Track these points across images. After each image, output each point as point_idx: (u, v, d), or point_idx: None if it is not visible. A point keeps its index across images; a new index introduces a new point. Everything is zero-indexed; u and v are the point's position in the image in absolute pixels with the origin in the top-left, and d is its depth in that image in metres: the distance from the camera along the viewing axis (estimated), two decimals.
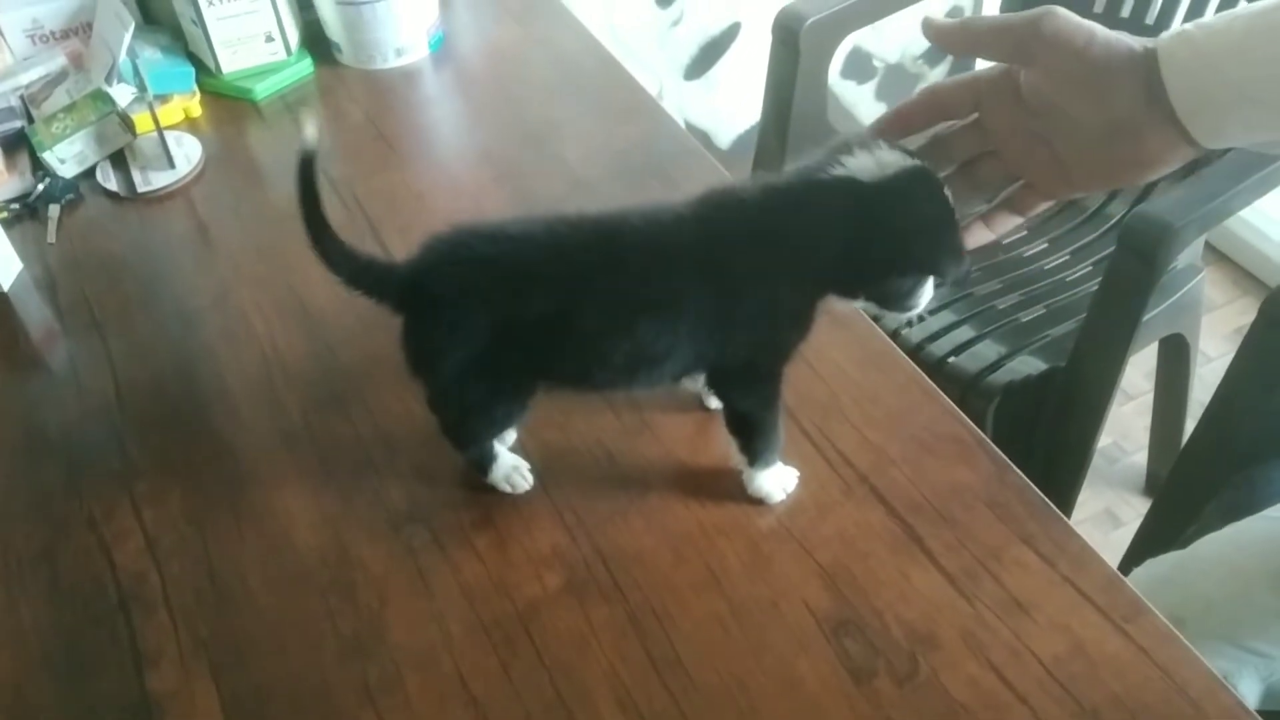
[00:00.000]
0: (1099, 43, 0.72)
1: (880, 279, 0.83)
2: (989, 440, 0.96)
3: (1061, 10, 0.73)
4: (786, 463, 0.93)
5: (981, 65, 0.81)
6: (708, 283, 0.82)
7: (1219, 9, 1.65)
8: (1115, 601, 0.83)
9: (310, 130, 0.82)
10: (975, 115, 0.81)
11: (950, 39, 0.79)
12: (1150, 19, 1.74)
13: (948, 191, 0.80)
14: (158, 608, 0.90)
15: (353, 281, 0.86)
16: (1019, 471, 0.93)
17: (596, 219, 0.84)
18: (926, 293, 0.84)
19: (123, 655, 0.87)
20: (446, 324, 0.85)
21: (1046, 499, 0.91)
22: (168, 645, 0.87)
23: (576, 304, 0.82)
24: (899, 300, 0.84)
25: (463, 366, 0.86)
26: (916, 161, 0.79)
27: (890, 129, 0.82)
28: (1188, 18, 1.68)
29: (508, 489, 0.95)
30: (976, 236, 0.85)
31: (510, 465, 0.95)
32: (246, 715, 0.82)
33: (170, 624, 0.89)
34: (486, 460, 0.94)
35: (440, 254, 0.84)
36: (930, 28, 0.80)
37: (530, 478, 0.95)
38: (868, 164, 0.79)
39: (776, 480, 0.92)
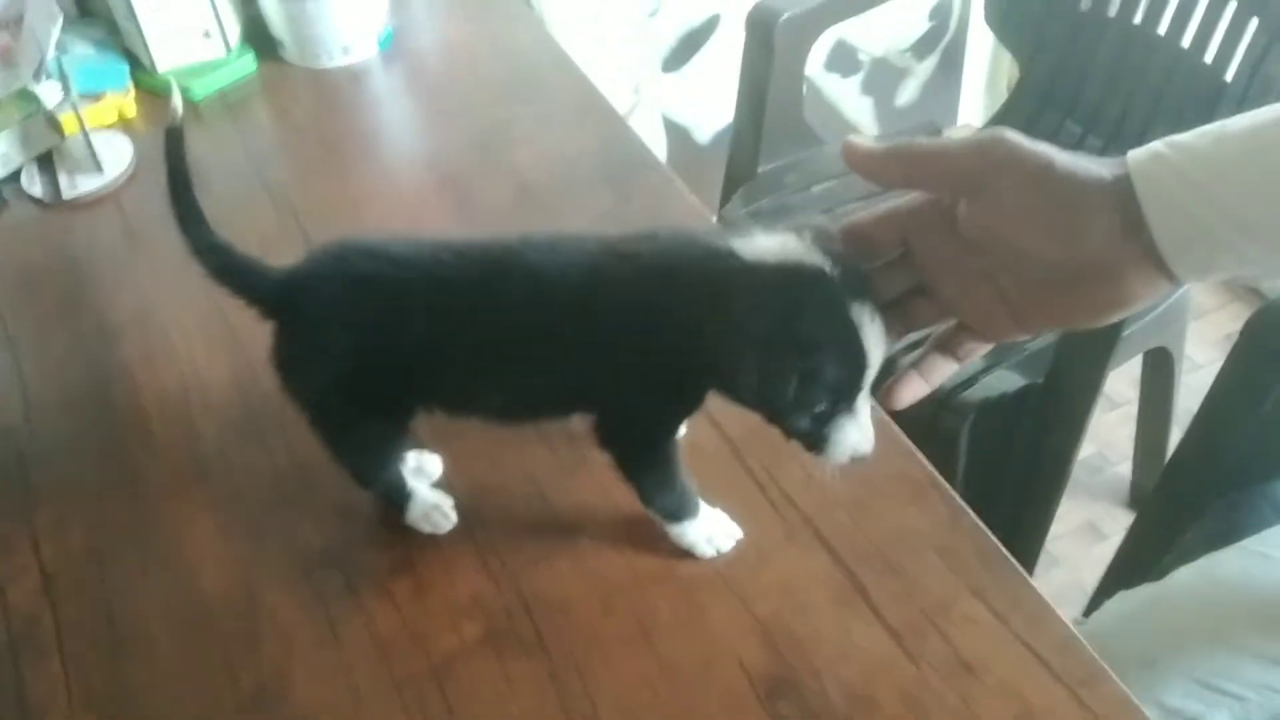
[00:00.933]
0: (1059, 171, 0.60)
1: (735, 391, 0.72)
2: (943, 480, 0.89)
3: (1012, 134, 0.62)
4: (731, 516, 0.87)
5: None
6: (586, 334, 0.75)
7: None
8: (1071, 664, 0.77)
9: (176, 101, 0.79)
10: (901, 251, 0.70)
11: (878, 167, 0.66)
12: (1137, 19, 1.67)
13: (858, 314, 0.67)
14: (50, 654, 0.84)
15: (219, 277, 0.81)
16: (973, 515, 0.87)
17: (485, 248, 0.78)
18: (848, 440, 0.72)
19: (7, 706, 0.81)
20: (312, 339, 0.80)
21: (1002, 547, 0.85)
22: (58, 697, 0.81)
23: (450, 335, 0.77)
24: (799, 434, 0.73)
25: (329, 385, 0.81)
26: (816, 264, 0.66)
27: None
28: (1175, 18, 1.62)
29: (428, 529, 0.89)
30: (911, 390, 0.73)
31: (430, 503, 0.89)
32: None
33: (62, 674, 0.83)
34: (399, 497, 0.88)
35: (316, 265, 0.80)
36: (854, 153, 0.66)
37: (453, 516, 0.89)
38: (764, 246, 0.68)
39: (700, 533, 0.85)
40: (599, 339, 0.75)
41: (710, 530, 0.86)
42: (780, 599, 0.83)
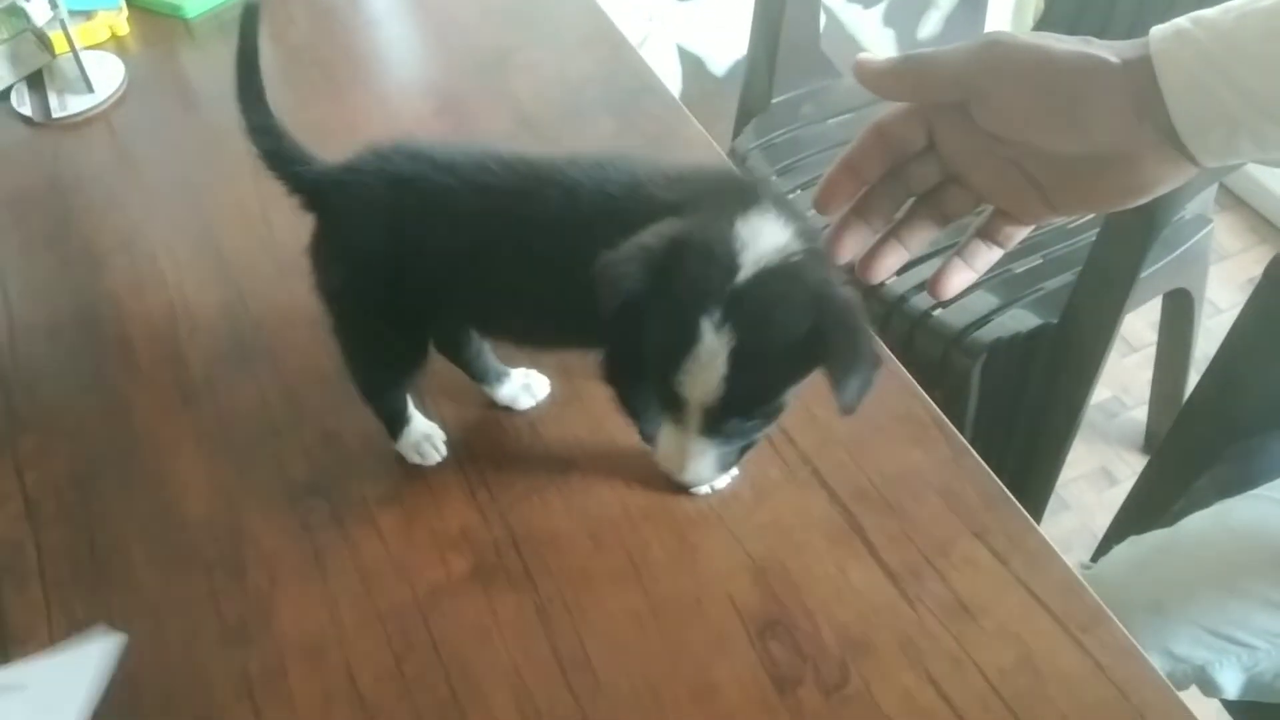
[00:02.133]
0: (1058, 63, 0.59)
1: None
2: (946, 420, 0.86)
3: (1008, 34, 0.60)
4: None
5: None
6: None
7: None
8: (1072, 608, 0.75)
9: None
10: (928, 145, 0.67)
11: (888, 82, 0.65)
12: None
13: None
14: (31, 581, 0.83)
15: (267, 160, 0.80)
16: (976, 456, 0.84)
17: (530, 164, 0.75)
18: (661, 445, 0.71)
19: None
20: (346, 235, 0.78)
21: (1004, 487, 0.82)
22: (39, 624, 0.80)
23: (481, 244, 0.75)
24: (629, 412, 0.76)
25: (358, 284, 0.79)
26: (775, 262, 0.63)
27: (840, 186, 0.67)
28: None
29: (417, 459, 0.87)
30: (958, 277, 0.70)
31: (422, 433, 0.87)
32: (113, 707, 0.75)
33: (43, 601, 0.81)
34: (397, 420, 0.86)
35: (359, 163, 0.78)
36: (864, 71, 0.65)
37: (443, 449, 0.87)
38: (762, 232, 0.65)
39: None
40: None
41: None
42: (775, 538, 0.81)
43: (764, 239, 0.64)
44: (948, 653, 0.74)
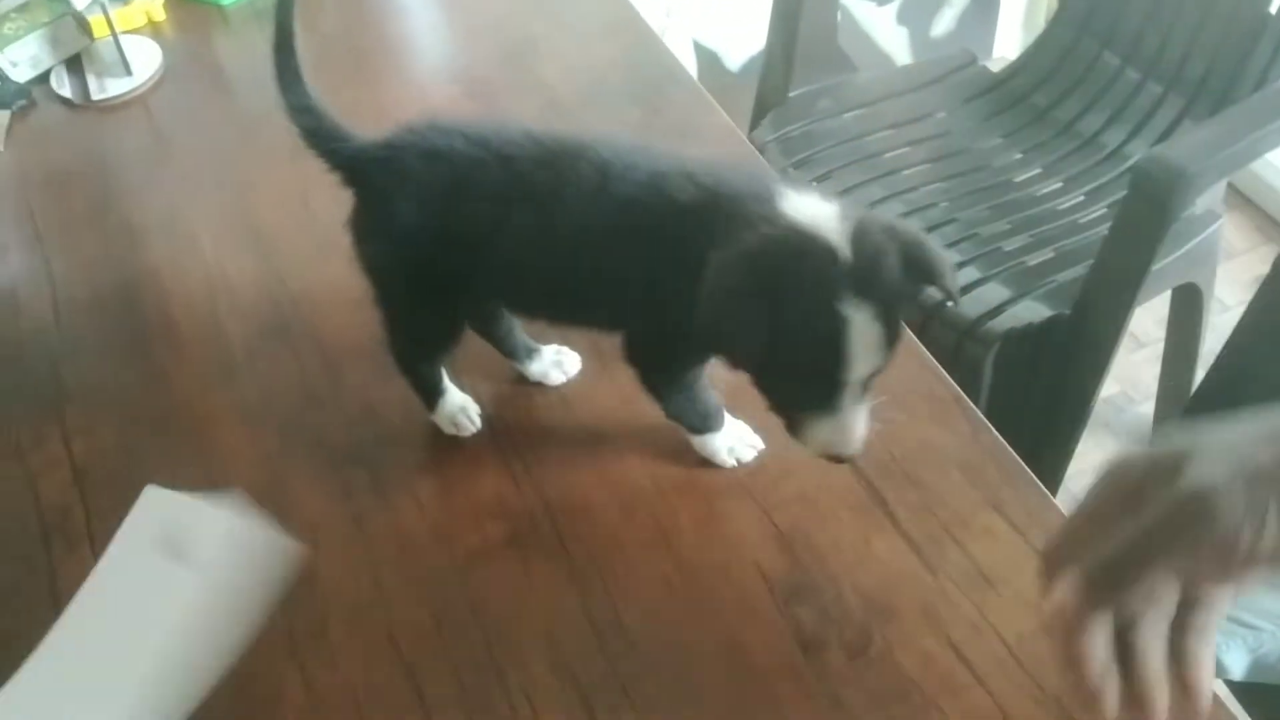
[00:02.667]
0: None
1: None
2: (966, 398, 0.89)
3: None
4: (753, 428, 0.87)
5: None
6: (641, 245, 0.74)
7: None
8: None
9: None
10: None
11: None
12: None
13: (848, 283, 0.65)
14: (81, 543, 0.86)
15: (308, 138, 0.83)
16: (995, 432, 0.87)
17: (560, 142, 0.78)
18: (818, 435, 0.72)
19: (41, 592, 0.83)
20: (383, 209, 0.80)
21: (1022, 463, 0.85)
22: None
23: (510, 220, 0.77)
24: (779, 411, 0.74)
25: (395, 259, 0.82)
26: (829, 245, 0.66)
27: None
28: None
29: (453, 430, 0.89)
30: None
31: (457, 405, 0.90)
32: None
33: (93, 561, 0.84)
34: (433, 392, 0.89)
35: (395, 138, 0.81)
36: None
37: (477, 421, 0.90)
38: (804, 210, 0.68)
39: (722, 444, 0.86)
40: (641, 252, 0.74)
41: (732, 441, 0.86)
42: (800, 509, 0.84)
43: (823, 213, 0.68)
44: (967, 619, 0.76)
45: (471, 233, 0.78)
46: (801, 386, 0.70)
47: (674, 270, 0.71)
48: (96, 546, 0.85)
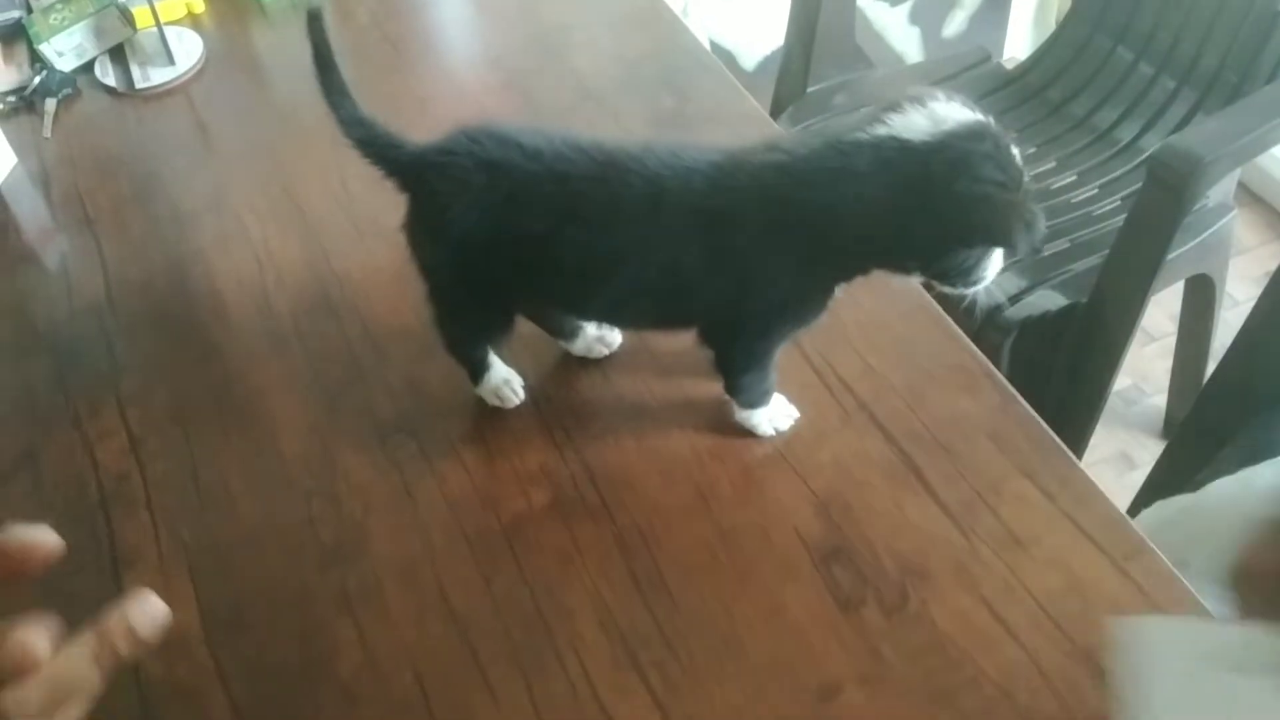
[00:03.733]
0: None
1: (935, 255, 0.76)
2: (995, 370, 0.92)
3: None
4: (789, 399, 0.90)
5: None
6: (713, 243, 0.78)
7: None
8: (1116, 540, 0.81)
9: None
10: None
11: None
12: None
13: (1015, 150, 0.74)
14: (139, 508, 0.89)
15: (362, 148, 0.85)
16: (1024, 403, 0.90)
17: (610, 151, 0.80)
18: (995, 265, 0.77)
19: (101, 555, 0.86)
20: (437, 214, 0.82)
21: (1051, 432, 0.88)
22: (147, 547, 0.86)
23: (567, 231, 0.79)
24: (961, 276, 0.77)
25: (450, 261, 0.84)
26: (977, 115, 0.73)
27: None
28: None
29: (497, 402, 0.92)
30: None
31: (502, 378, 0.92)
32: (223, 619, 0.81)
33: (151, 525, 0.87)
34: (479, 368, 0.92)
35: (451, 144, 0.82)
36: None
37: (521, 393, 0.93)
38: (918, 122, 0.72)
39: (765, 416, 0.89)
40: (730, 251, 0.78)
41: (773, 413, 0.89)
42: (836, 475, 0.86)
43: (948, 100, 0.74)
44: (1000, 578, 0.79)
45: (532, 244, 0.80)
46: (1003, 236, 0.75)
47: (792, 243, 0.77)
48: (155, 511, 0.88)
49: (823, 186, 0.74)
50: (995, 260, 0.78)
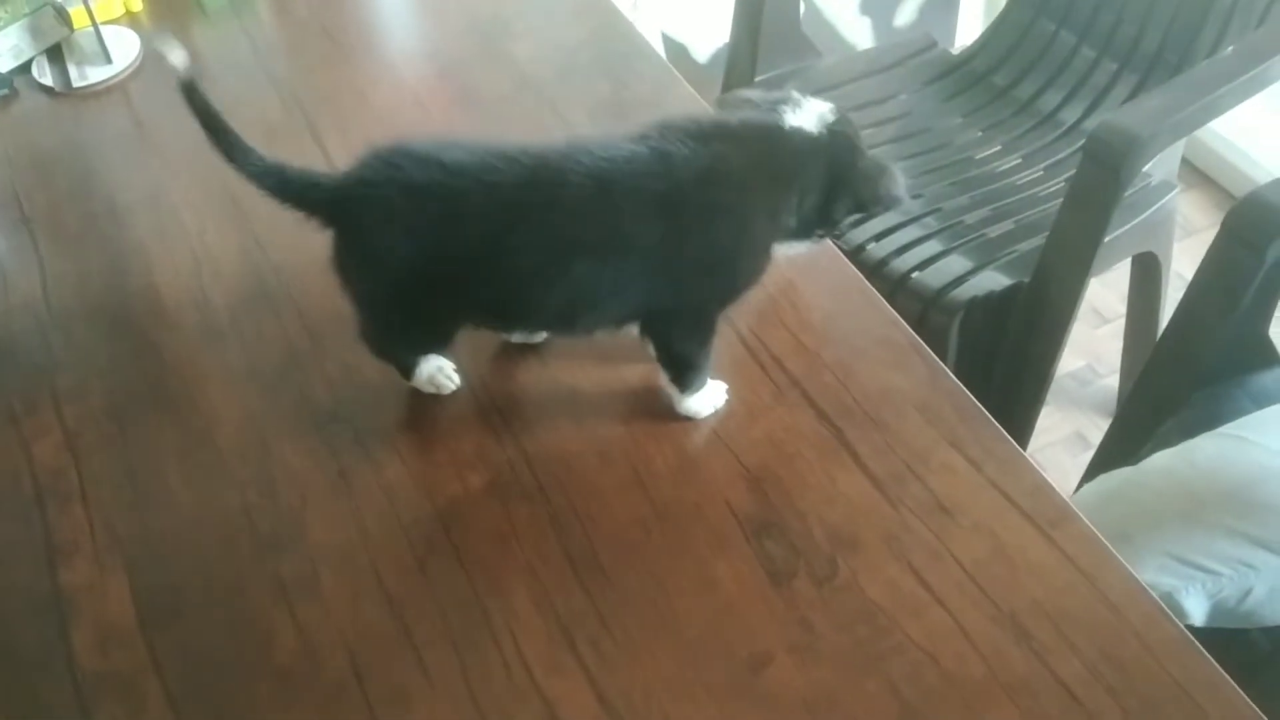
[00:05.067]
0: None
1: (836, 220, 0.89)
2: (923, 344, 0.93)
3: None
4: (714, 377, 0.91)
5: None
6: (663, 224, 0.80)
7: None
8: (1041, 506, 0.82)
9: (176, 57, 0.82)
10: None
11: None
12: None
13: None
14: (74, 502, 0.88)
15: (278, 195, 0.84)
16: (951, 376, 0.91)
17: (538, 154, 0.81)
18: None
19: (36, 549, 0.85)
20: (369, 247, 0.82)
21: (977, 403, 0.89)
22: (82, 540, 0.86)
23: (509, 241, 0.80)
24: (827, 226, 0.89)
25: (385, 290, 0.84)
26: (833, 105, 0.86)
27: None
28: None
29: (432, 389, 0.93)
30: None
31: (434, 367, 0.93)
32: (159, 609, 0.81)
33: (86, 519, 0.87)
34: (409, 368, 0.92)
35: (370, 173, 0.81)
36: None
37: (456, 379, 0.93)
38: (808, 118, 0.84)
39: (705, 399, 0.90)
40: (679, 230, 0.80)
41: (710, 396, 0.90)
42: (769, 451, 0.87)
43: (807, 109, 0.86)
44: (928, 546, 0.80)
45: (468, 260, 0.81)
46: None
47: (732, 219, 0.83)
48: (89, 505, 0.88)
49: (758, 166, 0.82)
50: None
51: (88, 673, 0.78)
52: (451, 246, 0.80)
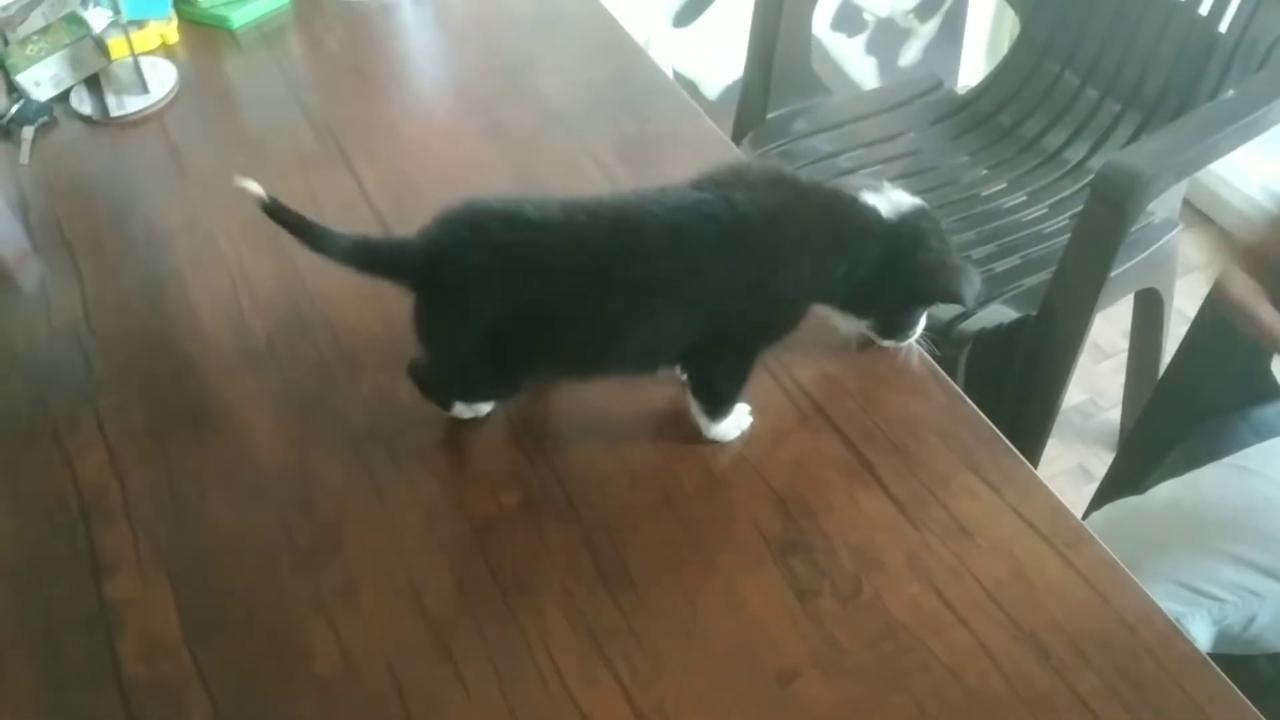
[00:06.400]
0: None
1: (892, 309, 0.94)
2: (943, 372, 0.97)
3: None
4: (747, 403, 0.94)
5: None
6: (722, 264, 0.84)
7: None
8: (1058, 529, 0.85)
9: (253, 188, 0.86)
10: None
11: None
12: None
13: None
14: (117, 518, 0.91)
15: (369, 269, 0.86)
16: (970, 403, 0.94)
17: (616, 204, 0.85)
18: (921, 322, 0.96)
19: (81, 564, 0.88)
20: (460, 307, 0.85)
21: (996, 430, 0.92)
22: (126, 555, 0.88)
23: (595, 291, 0.84)
24: (899, 330, 0.96)
25: (471, 347, 0.87)
26: (920, 201, 0.91)
27: None
28: None
29: (469, 415, 0.95)
30: None
31: None
32: (202, 622, 0.84)
33: (130, 534, 0.90)
34: (452, 405, 0.95)
35: (455, 235, 0.84)
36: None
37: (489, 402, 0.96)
38: (883, 202, 0.89)
39: (732, 423, 0.93)
40: (742, 275, 0.85)
41: (737, 420, 0.93)
42: (793, 473, 0.90)
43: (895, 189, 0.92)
44: (949, 567, 0.83)
45: (555, 310, 0.84)
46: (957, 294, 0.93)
47: (782, 271, 0.87)
48: (133, 521, 0.91)
49: (819, 235, 0.88)
50: (923, 319, 0.96)
51: (134, 683, 0.80)
52: (539, 299, 0.84)
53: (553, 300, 0.84)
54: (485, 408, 0.96)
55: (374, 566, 0.86)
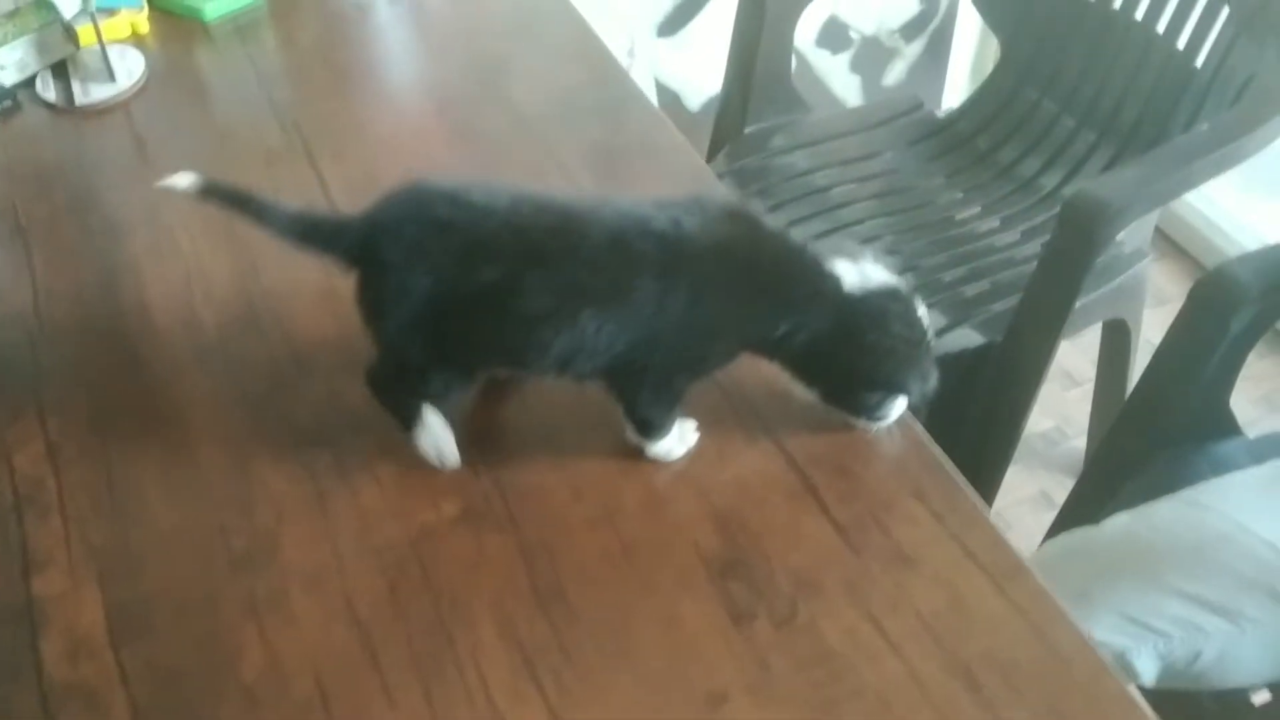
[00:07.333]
0: None
1: (842, 387, 0.90)
2: None
3: None
4: (686, 416, 0.93)
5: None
6: (663, 292, 0.83)
7: None
8: (998, 560, 0.84)
9: (180, 182, 0.88)
10: None
11: None
12: (1116, 3, 1.74)
13: (921, 312, 0.88)
14: (51, 513, 0.90)
15: (308, 243, 0.86)
16: (919, 428, 0.94)
17: (565, 204, 0.85)
18: (897, 408, 0.91)
19: (11, 558, 0.87)
20: (396, 283, 0.84)
21: (943, 456, 0.92)
22: (58, 551, 0.87)
23: (526, 284, 0.83)
24: (865, 410, 0.91)
25: (408, 328, 0.86)
26: (896, 282, 0.87)
27: None
28: (1151, 5, 1.68)
29: (434, 457, 0.92)
30: None
31: (440, 439, 0.92)
32: (130, 622, 0.83)
33: (63, 530, 0.89)
34: (412, 414, 0.91)
35: (396, 211, 0.84)
36: None
37: (457, 456, 0.92)
38: (851, 273, 0.86)
39: (675, 441, 0.92)
40: (679, 302, 0.84)
41: (680, 435, 0.92)
42: (737, 494, 0.90)
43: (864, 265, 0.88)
44: (886, 594, 0.83)
45: (493, 303, 0.83)
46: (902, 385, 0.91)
47: (710, 305, 0.85)
48: (67, 517, 0.89)
49: (769, 289, 0.87)
50: (899, 405, 0.91)
51: (55, 683, 0.79)
52: (471, 284, 0.83)
53: (484, 286, 0.83)
54: (454, 460, 0.92)
55: (309, 572, 0.85)
